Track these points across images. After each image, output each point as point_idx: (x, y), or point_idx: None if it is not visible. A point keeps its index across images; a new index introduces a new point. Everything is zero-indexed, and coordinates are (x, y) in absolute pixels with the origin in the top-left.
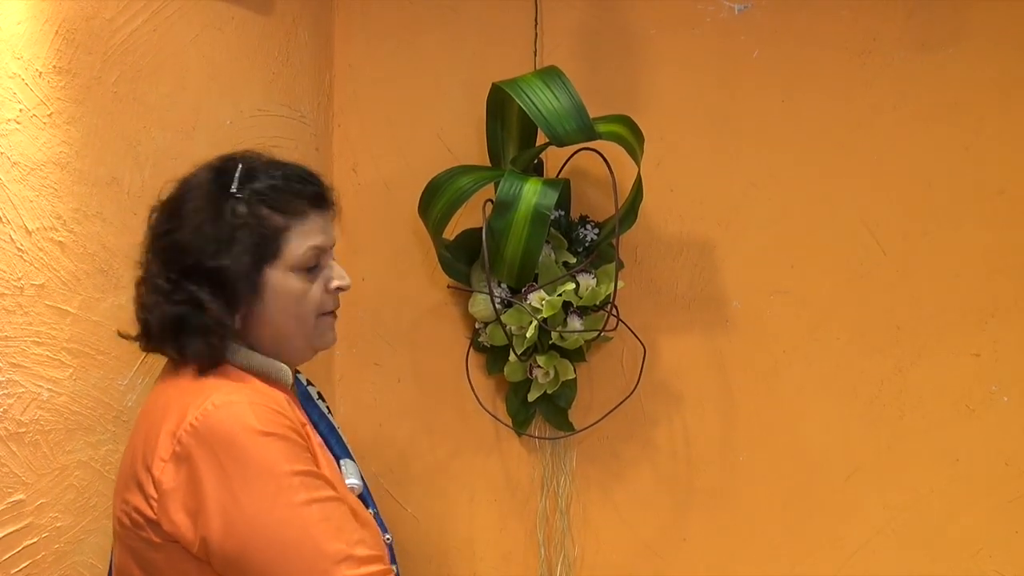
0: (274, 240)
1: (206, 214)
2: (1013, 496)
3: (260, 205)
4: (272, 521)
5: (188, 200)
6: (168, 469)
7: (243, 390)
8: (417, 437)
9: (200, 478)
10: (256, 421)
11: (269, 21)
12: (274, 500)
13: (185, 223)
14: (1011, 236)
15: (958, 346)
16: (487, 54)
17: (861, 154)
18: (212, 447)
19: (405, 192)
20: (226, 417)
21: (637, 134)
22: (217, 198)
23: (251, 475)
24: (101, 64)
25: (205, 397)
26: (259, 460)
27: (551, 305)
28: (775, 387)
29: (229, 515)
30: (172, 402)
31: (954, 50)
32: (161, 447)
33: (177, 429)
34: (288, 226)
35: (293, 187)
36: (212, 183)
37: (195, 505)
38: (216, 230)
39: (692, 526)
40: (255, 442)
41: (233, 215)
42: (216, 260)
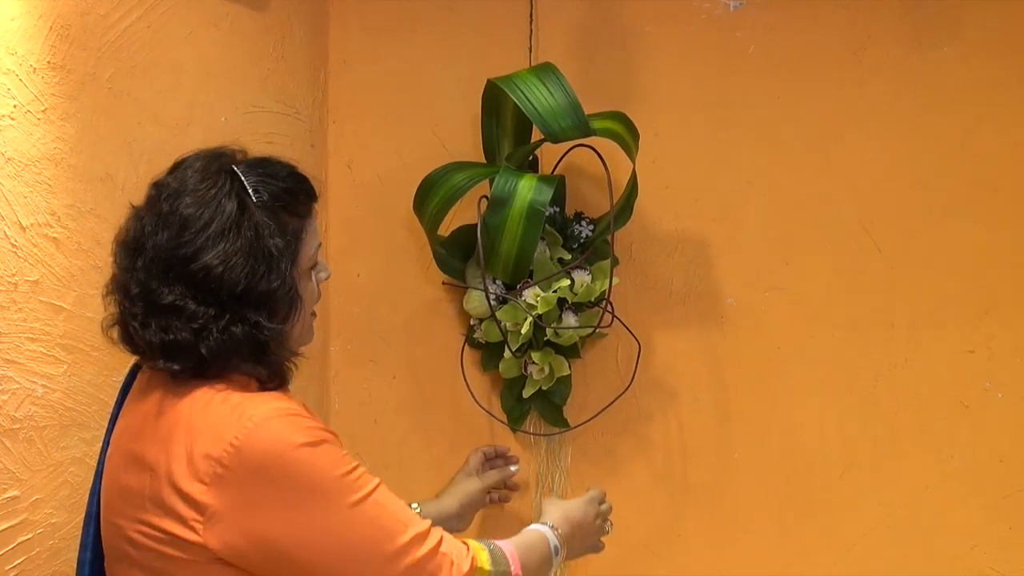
0: (294, 244)
1: (239, 231)
2: (1007, 492)
3: (280, 211)
4: (335, 525)
5: (204, 216)
6: (212, 492)
7: (269, 400)
8: (412, 433)
9: (255, 498)
10: (297, 435)
11: (264, 17)
12: (337, 505)
13: (215, 244)
14: (1006, 233)
15: (953, 343)
16: (482, 50)
17: (856, 151)
18: (261, 466)
19: (400, 188)
20: (268, 435)
21: (632, 131)
22: (240, 210)
23: (309, 487)
24: (96, 60)
25: (239, 413)
26: (310, 473)
27: (546, 301)
28: (770, 384)
29: (297, 527)
30: (198, 420)
31: (949, 48)
32: (199, 469)
33: (214, 450)
34: (302, 227)
35: (298, 186)
36: (227, 193)
37: (254, 524)
38: (256, 248)
39: (687, 523)
40: (302, 456)
41: (263, 227)
42: (268, 282)
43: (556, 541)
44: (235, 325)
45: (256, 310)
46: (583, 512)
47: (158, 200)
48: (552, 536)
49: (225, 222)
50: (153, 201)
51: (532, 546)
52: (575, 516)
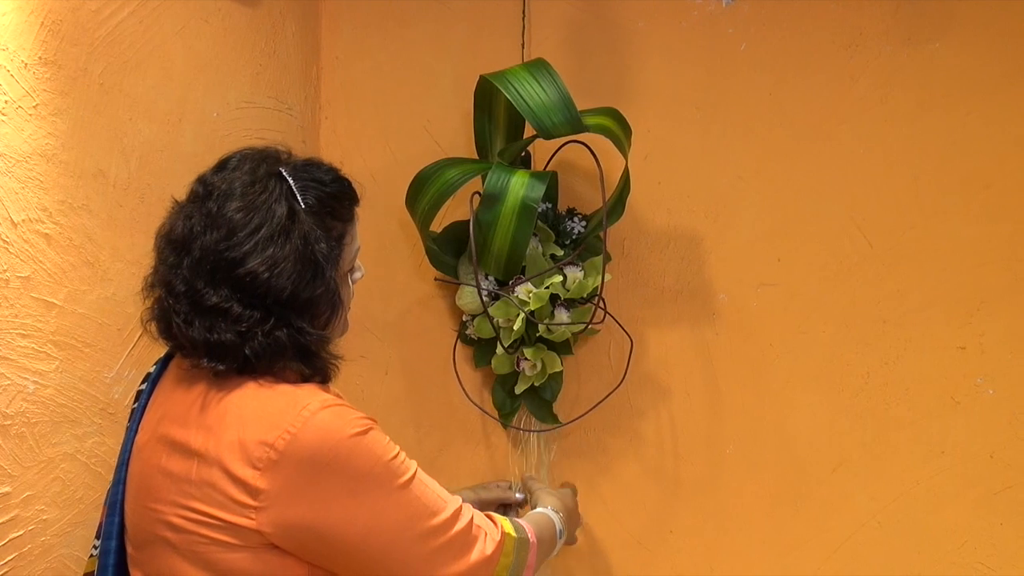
0: (338, 247)
1: (287, 238)
2: (998, 488)
3: (326, 216)
4: (386, 507)
5: (254, 221)
6: (267, 477)
7: (318, 393)
8: (404, 429)
9: (312, 485)
10: (349, 425)
11: (256, 13)
12: (384, 490)
13: (263, 249)
14: (997, 230)
15: (944, 339)
16: (475, 47)
17: (848, 147)
18: (318, 452)
19: (392, 185)
20: (323, 425)
21: (625, 127)
22: (294, 216)
23: (363, 474)
24: (87, 56)
25: (292, 403)
26: (362, 461)
27: (538, 298)
28: (762, 380)
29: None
30: (250, 410)
31: (941, 44)
32: (253, 455)
33: (269, 436)
34: (346, 231)
35: (344, 191)
36: (276, 198)
37: (309, 511)
38: (302, 255)
39: (679, 519)
40: (355, 444)
41: (310, 233)
42: (313, 287)
43: (560, 524)
44: (279, 330)
45: (300, 316)
46: (572, 500)
47: (207, 200)
48: (556, 519)
49: (274, 228)
50: (201, 200)
51: (542, 525)
52: (568, 503)
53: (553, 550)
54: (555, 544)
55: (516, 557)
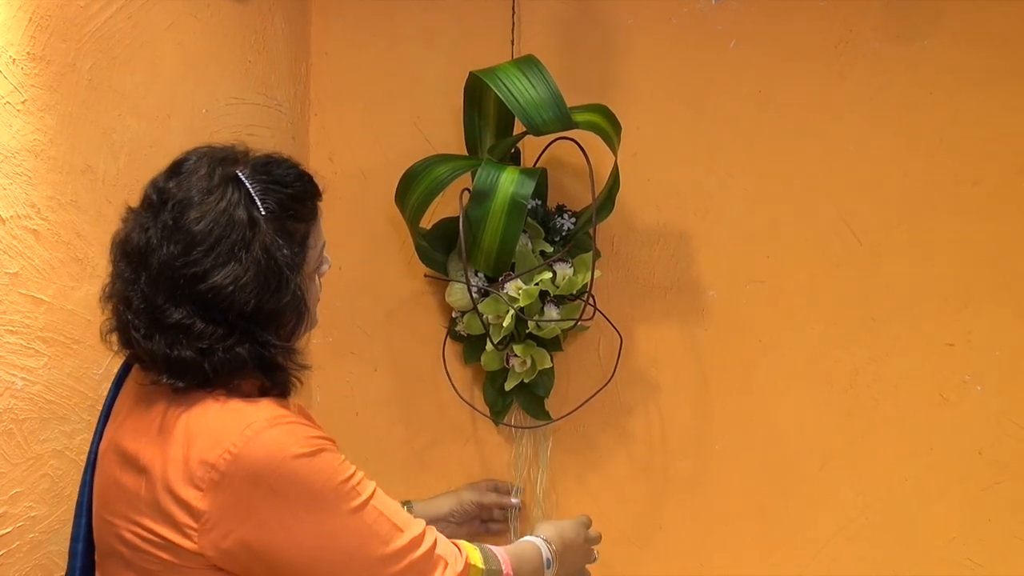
0: (301, 250)
1: (249, 250)
2: (986, 485)
3: (287, 220)
4: (333, 532)
5: (214, 233)
6: (208, 499)
7: (269, 408)
8: (394, 426)
9: (253, 506)
10: (295, 444)
11: (245, 9)
12: (331, 514)
13: (227, 262)
14: (985, 227)
15: (932, 336)
16: (464, 43)
17: (837, 144)
18: (259, 474)
19: (382, 181)
20: (267, 444)
21: (614, 124)
22: (254, 225)
23: (308, 495)
24: (75, 51)
25: (237, 421)
26: (308, 482)
27: (528, 294)
28: (750, 376)
29: (296, 535)
30: (197, 425)
31: (929, 41)
32: (195, 475)
33: (211, 456)
34: (309, 232)
35: (304, 189)
36: (235, 206)
37: (253, 532)
38: (265, 266)
39: (668, 515)
40: (300, 465)
41: (272, 241)
42: (278, 298)
43: (549, 554)
44: (241, 345)
45: (265, 328)
46: (575, 532)
47: (162, 209)
48: (545, 549)
49: (235, 240)
50: (156, 209)
51: (524, 556)
52: (567, 535)
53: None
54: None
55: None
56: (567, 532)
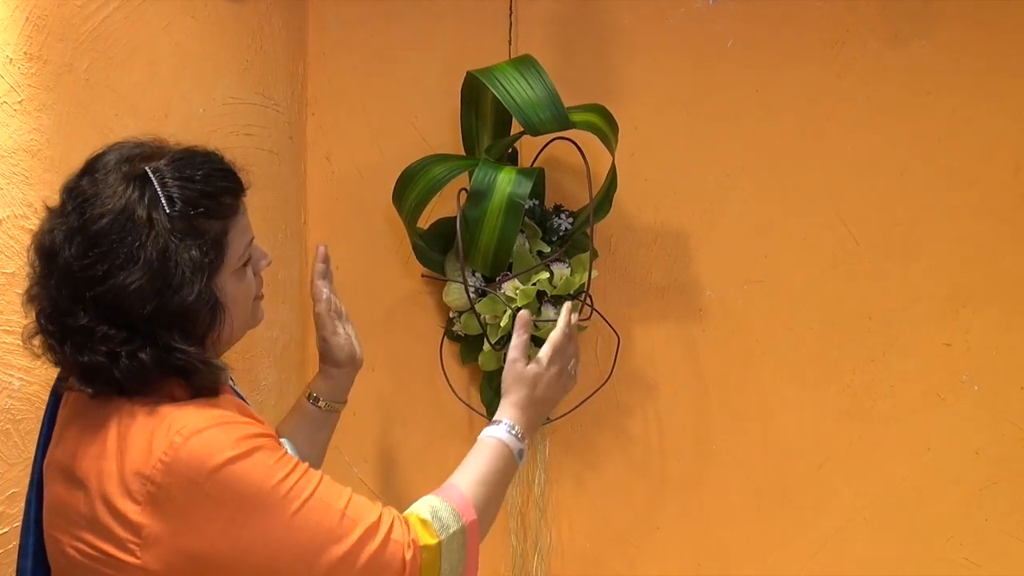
0: (219, 250)
1: (151, 250)
2: (983, 484)
3: (198, 217)
4: (283, 531)
5: (114, 233)
6: (147, 512)
7: (200, 410)
8: (391, 426)
9: (191, 515)
10: (227, 447)
11: (242, 9)
12: (278, 512)
13: (126, 264)
14: (982, 226)
15: (930, 336)
16: (462, 43)
17: (834, 144)
18: (193, 481)
19: (379, 181)
20: (198, 447)
21: (611, 124)
22: (152, 225)
23: (246, 498)
24: (72, 51)
25: (165, 428)
26: (244, 485)
27: (525, 294)
28: (748, 376)
29: (238, 540)
30: (127, 433)
31: (927, 41)
32: (131, 487)
33: (144, 468)
34: (227, 229)
35: (221, 185)
36: (137, 204)
37: (194, 541)
38: (168, 266)
39: (665, 515)
40: (236, 467)
41: (179, 240)
42: (179, 299)
43: (519, 444)
44: (144, 350)
45: (167, 330)
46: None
47: (69, 208)
48: (511, 439)
49: (134, 239)
50: (65, 208)
51: (487, 472)
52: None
53: (509, 481)
54: (514, 470)
55: (444, 562)
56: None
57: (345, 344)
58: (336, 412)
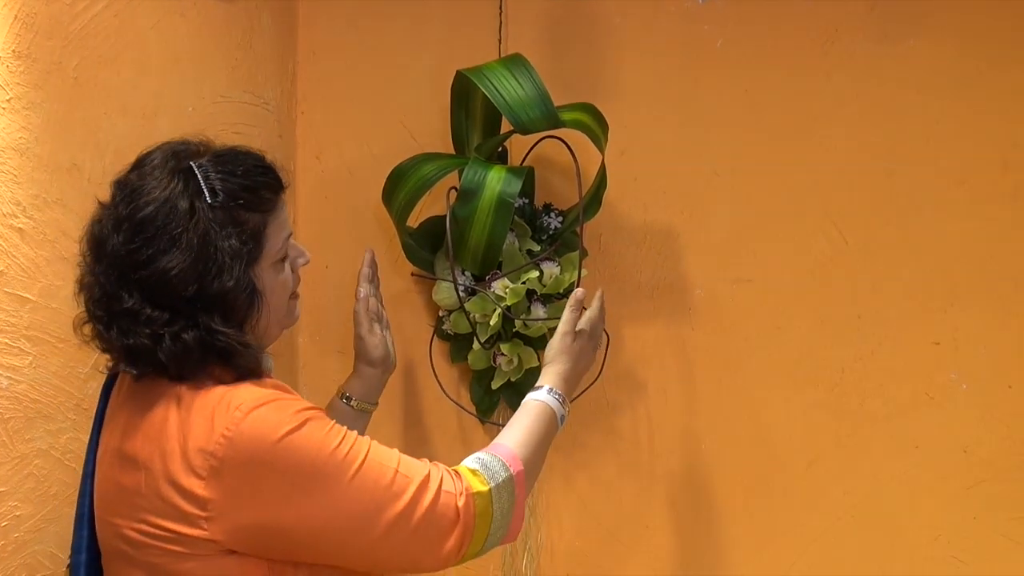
0: (257, 242)
1: (192, 235)
2: (972, 483)
3: (238, 209)
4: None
5: (158, 220)
6: (211, 486)
7: (252, 390)
8: (380, 425)
9: (254, 486)
10: (286, 418)
11: (232, 7)
12: (336, 478)
13: (169, 248)
14: (971, 226)
15: (918, 334)
16: (451, 42)
17: (823, 144)
18: (255, 454)
19: (369, 179)
20: (258, 422)
21: (601, 122)
22: (195, 213)
23: (304, 467)
24: (61, 49)
25: (225, 406)
26: (304, 454)
27: (515, 293)
28: (737, 375)
29: (302, 508)
30: (187, 414)
31: (916, 41)
32: (194, 464)
33: (208, 444)
34: (266, 222)
35: (260, 180)
36: (181, 195)
37: (258, 512)
38: (207, 251)
39: (655, 513)
40: (293, 438)
41: (218, 228)
42: (220, 283)
43: (561, 408)
44: (187, 331)
45: (208, 313)
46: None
47: (118, 200)
48: (556, 404)
49: (177, 226)
50: (114, 200)
51: (532, 432)
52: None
53: (550, 442)
54: (555, 431)
55: (496, 507)
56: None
57: (380, 344)
58: (367, 412)
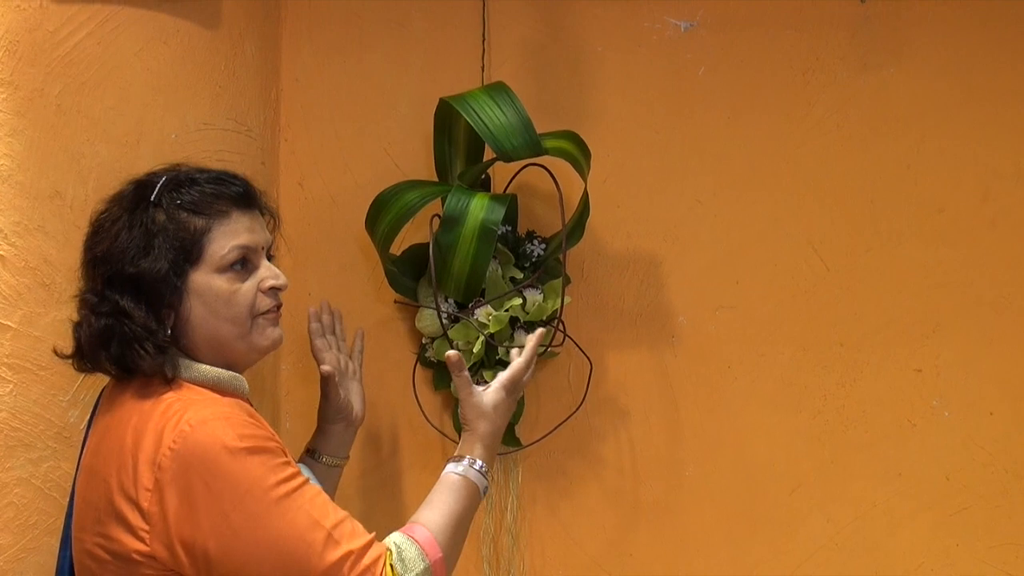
0: (196, 242)
1: (124, 223)
2: (954, 510)
3: (179, 210)
4: (267, 537)
5: (110, 213)
6: (155, 499)
7: (210, 404)
8: (363, 452)
9: (190, 503)
10: (234, 438)
11: (215, 35)
12: (266, 516)
13: (106, 235)
14: (951, 253)
15: (900, 361)
16: (435, 69)
17: (805, 171)
18: (195, 469)
19: (352, 207)
20: (204, 437)
21: (584, 150)
22: (135, 208)
23: (239, 494)
24: (44, 76)
25: (178, 417)
26: (243, 478)
27: (498, 320)
28: (720, 402)
29: (224, 536)
30: (142, 427)
31: (895, 69)
32: (143, 477)
33: (156, 455)
34: (209, 227)
35: (214, 189)
36: (132, 195)
37: (189, 531)
38: (133, 237)
39: (638, 541)
40: (237, 461)
41: (152, 222)
42: (135, 266)
43: (484, 481)
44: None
45: (121, 294)
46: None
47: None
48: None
49: (118, 219)
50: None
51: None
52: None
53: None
54: (476, 505)
55: None
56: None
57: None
58: (338, 467)
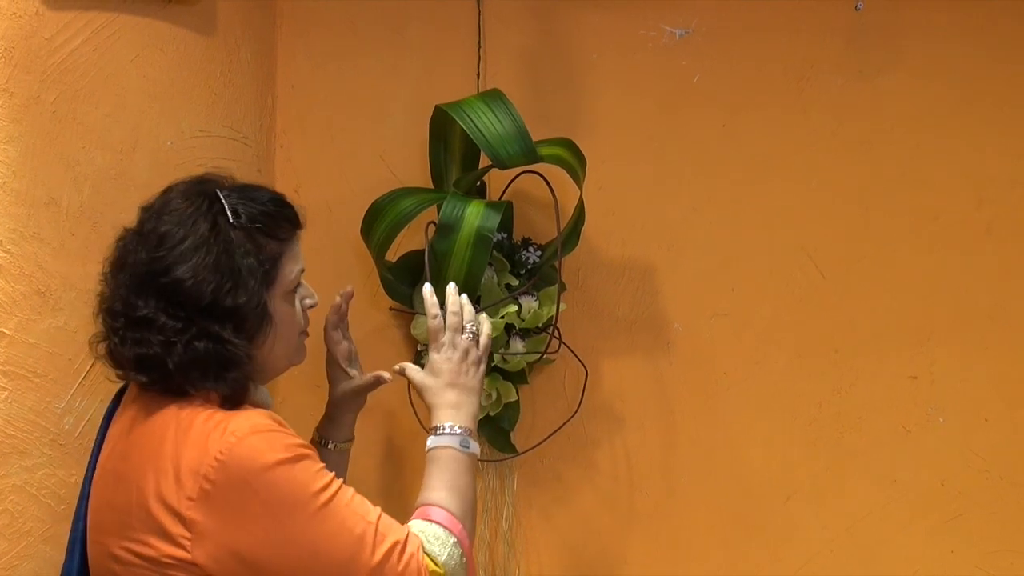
0: (273, 267)
1: (210, 248)
2: (949, 516)
3: (256, 233)
4: (321, 540)
5: (180, 233)
6: (200, 508)
7: (251, 415)
8: (359, 459)
9: (241, 514)
10: (280, 449)
11: (211, 42)
12: (317, 521)
13: (188, 259)
14: (946, 260)
15: (895, 368)
16: (430, 77)
17: (800, 179)
18: (246, 481)
19: (347, 214)
20: (250, 450)
21: (579, 157)
22: (215, 229)
23: (290, 504)
24: (39, 83)
25: (223, 428)
26: (292, 488)
27: (494, 327)
28: (715, 409)
29: (278, 545)
30: (182, 436)
31: (890, 77)
32: (186, 486)
33: (200, 466)
34: (282, 251)
35: (279, 211)
36: (204, 213)
37: (243, 541)
38: (225, 265)
39: (634, 547)
40: (284, 471)
41: (237, 246)
42: (234, 298)
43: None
44: (199, 340)
45: (221, 324)
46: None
47: (143, 219)
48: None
49: (198, 238)
50: (140, 220)
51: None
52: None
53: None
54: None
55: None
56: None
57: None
58: (345, 452)
